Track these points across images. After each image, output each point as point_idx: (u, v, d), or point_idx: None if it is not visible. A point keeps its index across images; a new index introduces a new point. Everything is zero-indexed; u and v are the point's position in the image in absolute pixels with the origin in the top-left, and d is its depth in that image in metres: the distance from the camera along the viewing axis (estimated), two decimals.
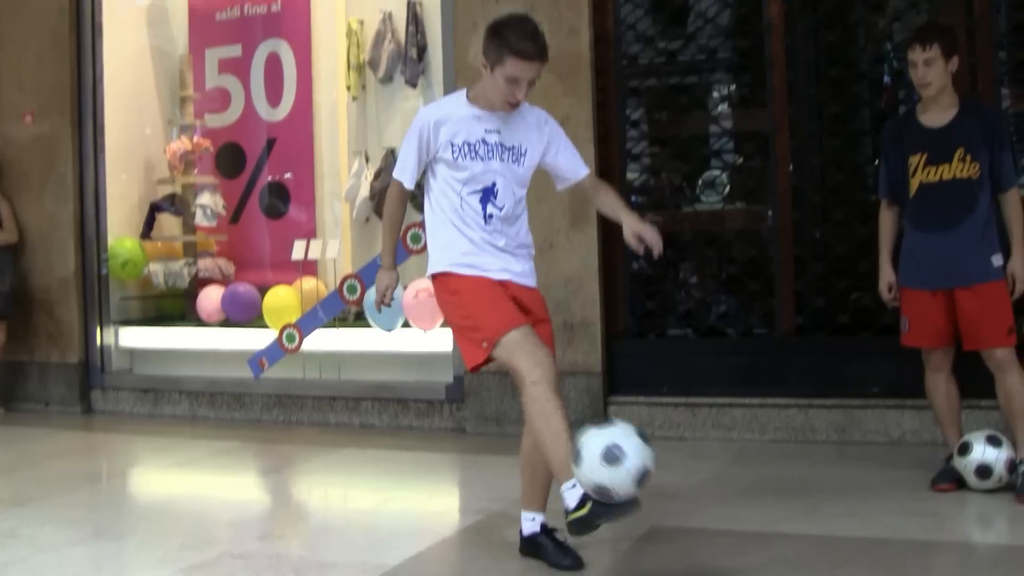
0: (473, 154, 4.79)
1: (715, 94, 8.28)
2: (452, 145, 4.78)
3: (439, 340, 8.13)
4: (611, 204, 5.03)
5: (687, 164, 8.07)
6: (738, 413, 7.38)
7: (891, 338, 6.57)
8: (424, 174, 4.92)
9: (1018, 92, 7.12)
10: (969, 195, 5.73)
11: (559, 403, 4.47)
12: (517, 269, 4.88)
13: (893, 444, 6.98)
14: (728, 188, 7.79)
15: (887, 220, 6.13)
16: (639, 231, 4.76)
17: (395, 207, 5.00)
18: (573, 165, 5.05)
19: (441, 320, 8.12)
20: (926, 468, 6.02)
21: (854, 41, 7.68)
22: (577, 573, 4.72)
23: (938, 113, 5.84)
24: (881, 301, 6.30)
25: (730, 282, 7.70)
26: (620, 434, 4.21)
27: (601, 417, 4.37)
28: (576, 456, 4.19)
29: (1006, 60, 7.09)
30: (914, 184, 5.86)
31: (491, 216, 4.79)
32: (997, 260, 5.74)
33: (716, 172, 7.82)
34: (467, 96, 4.87)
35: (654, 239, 4.74)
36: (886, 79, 7.76)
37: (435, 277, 4.89)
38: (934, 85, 5.76)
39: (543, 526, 4.92)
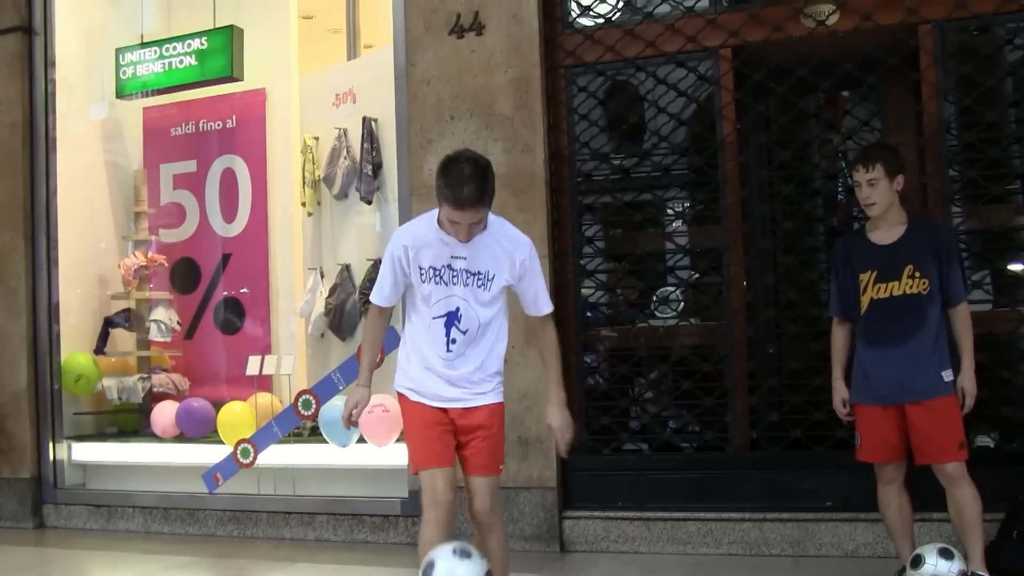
0: (438, 279, 5.03)
1: (669, 211, 8.46)
2: (420, 269, 5.03)
3: (394, 455, 8.18)
4: (546, 361, 5.42)
5: (642, 280, 8.21)
6: (693, 527, 7.44)
7: (844, 452, 6.70)
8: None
9: (968, 209, 7.32)
10: (919, 311, 5.87)
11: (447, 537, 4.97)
12: (458, 395, 5.15)
13: (847, 557, 7.05)
14: (682, 304, 7.93)
15: (839, 337, 6.28)
16: (552, 422, 5.27)
17: (371, 327, 5.36)
18: (534, 301, 5.29)
19: (396, 436, 8.20)
20: None
21: (807, 159, 7.92)
22: None
23: (886, 231, 6.01)
24: (834, 416, 6.44)
25: (685, 397, 7.79)
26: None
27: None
28: None
29: (956, 178, 7.29)
30: (865, 301, 6.01)
31: (454, 340, 5.07)
32: (948, 375, 5.87)
33: (671, 288, 7.96)
34: (437, 220, 5.03)
35: (563, 439, 5.26)
36: (840, 196, 7.97)
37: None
38: (879, 204, 5.95)
39: None
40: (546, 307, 5.31)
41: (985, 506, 5.85)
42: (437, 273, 5.02)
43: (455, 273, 5.02)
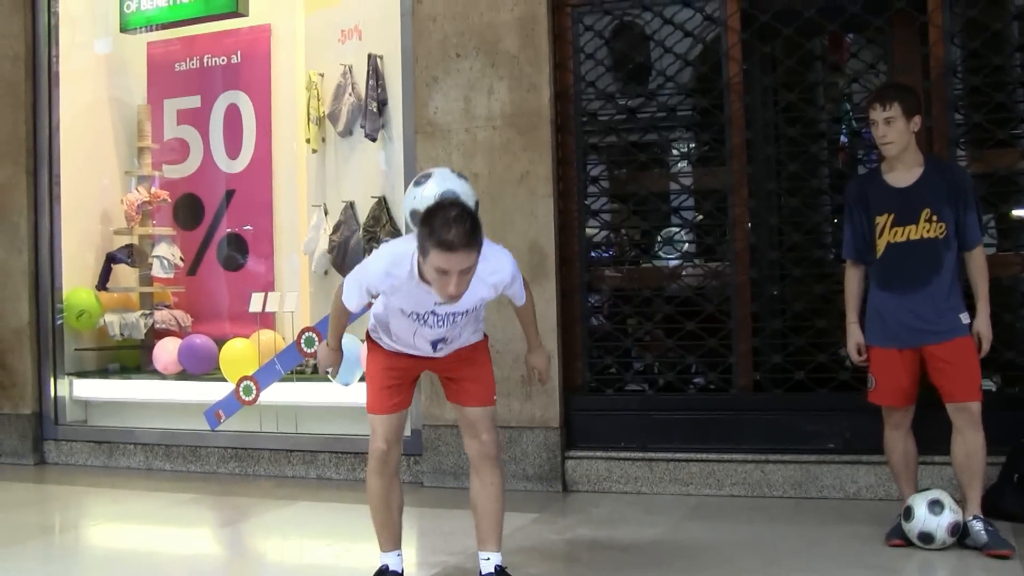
0: (423, 321, 4.87)
1: (675, 151, 8.43)
2: (402, 311, 4.87)
3: None
4: (525, 328, 5.34)
5: (646, 220, 8.19)
6: (695, 468, 7.48)
7: (847, 394, 6.76)
8: None
9: (973, 153, 7.29)
10: (936, 255, 5.82)
11: (384, 481, 5.20)
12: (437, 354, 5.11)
13: (849, 499, 7.09)
14: (686, 245, 7.92)
15: (853, 280, 6.20)
16: (536, 364, 5.32)
17: (338, 312, 5.17)
18: (516, 297, 5.17)
19: None
20: (881, 523, 6.14)
21: (812, 101, 7.86)
22: None
23: (903, 172, 5.94)
24: (837, 358, 6.43)
25: (688, 338, 7.80)
26: None
27: None
28: None
29: (962, 121, 7.26)
30: (881, 244, 5.95)
31: (441, 348, 5.06)
32: (964, 317, 5.85)
33: (675, 229, 7.95)
34: (416, 267, 4.68)
35: (544, 374, 5.34)
36: (843, 139, 7.93)
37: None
38: (895, 144, 5.86)
39: (496, 567, 5.10)
40: (523, 300, 5.19)
41: (990, 449, 5.85)
42: (421, 317, 4.83)
43: (440, 318, 4.83)
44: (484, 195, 5.29)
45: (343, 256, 9.20)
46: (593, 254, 8.12)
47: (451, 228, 4.37)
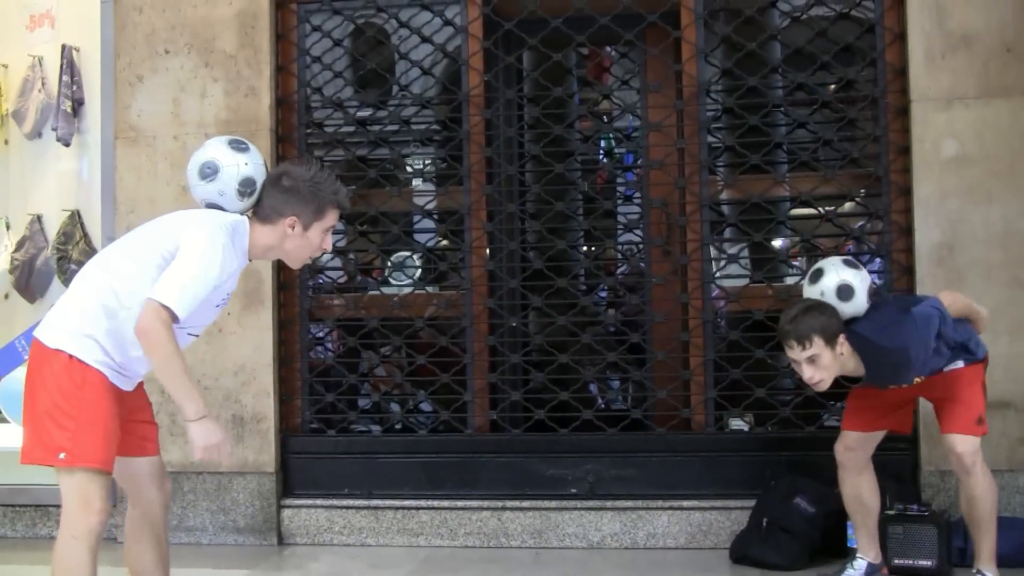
0: (223, 302, 4.79)
1: (408, 168, 8.45)
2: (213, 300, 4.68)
3: None
4: None
5: (375, 243, 8.18)
6: (425, 517, 7.46)
7: (591, 435, 6.84)
8: (127, 258, 4.66)
9: (726, 179, 7.56)
10: None
11: (92, 569, 4.55)
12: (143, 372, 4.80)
13: (593, 548, 7.17)
14: (420, 271, 7.94)
15: None
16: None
17: (170, 337, 4.43)
18: None
19: None
20: (626, 573, 6.25)
21: (561, 118, 7.96)
22: None
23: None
24: (580, 396, 6.51)
25: (419, 374, 7.81)
26: None
27: None
28: None
29: (716, 144, 7.55)
30: None
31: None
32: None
33: (407, 253, 7.96)
34: (247, 252, 4.82)
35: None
36: (601, 157, 8.07)
37: (67, 356, 4.52)
38: (827, 380, 5.48)
39: None
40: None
41: (738, 493, 5.99)
42: (225, 299, 4.77)
43: (226, 298, 4.78)
44: None
45: (28, 277, 8.85)
46: (320, 279, 8.05)
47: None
